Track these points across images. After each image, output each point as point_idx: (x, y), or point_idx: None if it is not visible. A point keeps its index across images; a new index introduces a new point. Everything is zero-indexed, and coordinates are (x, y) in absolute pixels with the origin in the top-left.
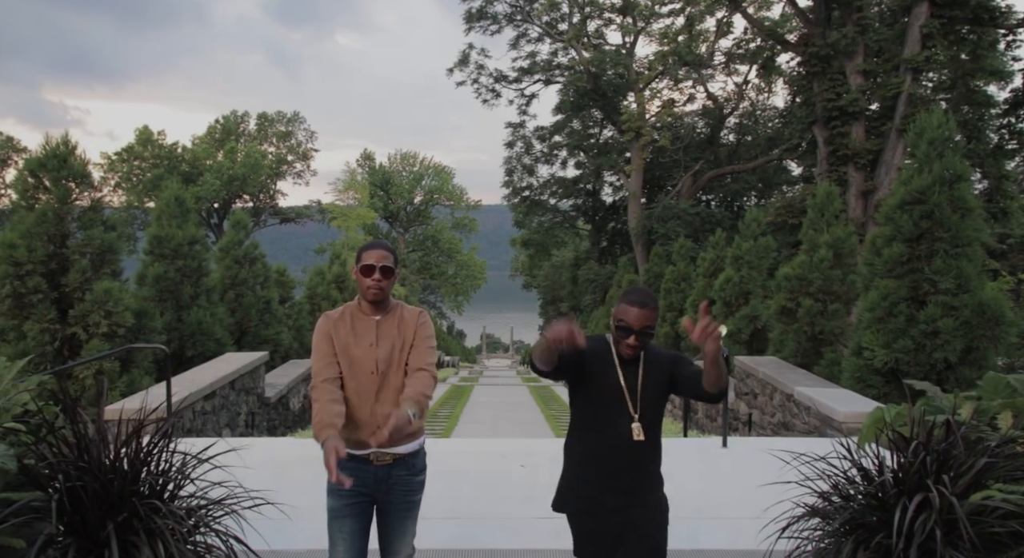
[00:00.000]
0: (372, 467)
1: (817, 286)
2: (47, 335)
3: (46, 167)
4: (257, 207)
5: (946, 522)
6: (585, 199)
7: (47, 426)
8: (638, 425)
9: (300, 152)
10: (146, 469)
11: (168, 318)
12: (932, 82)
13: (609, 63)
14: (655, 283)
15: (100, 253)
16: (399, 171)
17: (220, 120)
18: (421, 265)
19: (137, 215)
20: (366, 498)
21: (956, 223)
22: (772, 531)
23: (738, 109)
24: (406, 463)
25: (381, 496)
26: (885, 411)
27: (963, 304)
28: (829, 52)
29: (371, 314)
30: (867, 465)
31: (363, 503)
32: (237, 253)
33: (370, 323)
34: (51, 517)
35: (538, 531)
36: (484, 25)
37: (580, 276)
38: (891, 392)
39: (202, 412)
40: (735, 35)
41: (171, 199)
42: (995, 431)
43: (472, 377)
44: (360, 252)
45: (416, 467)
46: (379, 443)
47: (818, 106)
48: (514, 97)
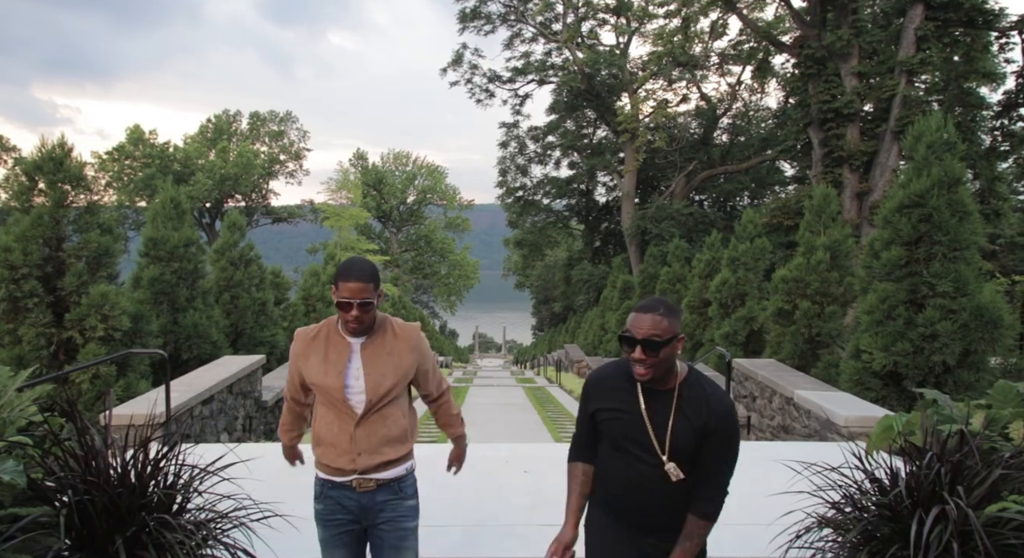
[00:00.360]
0: (355, 494)
1: (814, 288)
2: (43, 339)
3: (42, 169)
4: (249, 207)
5: (960, 534)
6: (579, 199)
7: (53, 439)
8: (673, 465)
9: (293, 151)
10: (154, 482)
11: (164, 321)
12: (926, 84)
13: (603, 63)
14: (650, 284)
15: (96, 256)
16: (392, 171)
17: (212, 119)
18: (414, 265)
19: (128, 215)
20: (355, 526)
21: (954, 226)
22: (783, 541)
23: (731, 110)
24: (391, 488)
25: (369, 525)
26: (895, 420)
27: (961, 307)
28: (824, 54)
29: (353, 336)
30: (879, 475)
31: (352, 532)
32: (233, 255)
33: (350, 348)
34: (59, 532)
35: (543, 539)
36: (478, 25)
37: (573, 276)
38: (889, 395)
39: (200, 417)
40: (729, 36)
41: (167, 201)
42: (1008, 441)
43: (466, 378)
44: (337, 278)
45: (404, 492)
46: (361, 469)
47: (813, 108)
48: (508, 97)
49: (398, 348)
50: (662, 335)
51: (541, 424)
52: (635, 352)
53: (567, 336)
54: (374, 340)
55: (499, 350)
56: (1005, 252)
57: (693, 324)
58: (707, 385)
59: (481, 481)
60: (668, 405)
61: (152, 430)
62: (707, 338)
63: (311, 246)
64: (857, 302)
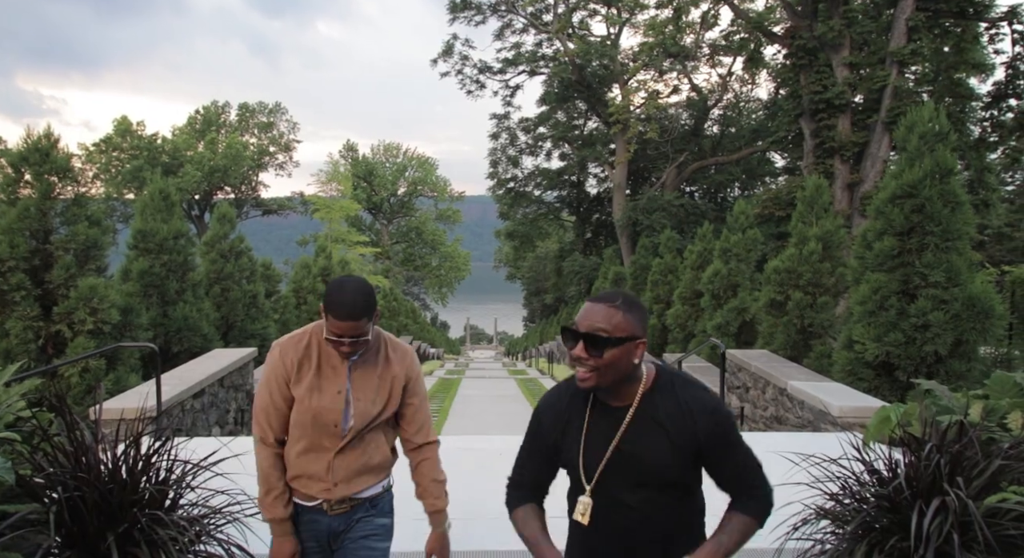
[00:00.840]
0: (327, 518)
1: (807, 279)
2: (30, 332)
3: (28, 161)
4: (239, 199)
5: (960, 524)
6: (570, 190)
7: (42, 434)
8: (587, 500)
9: (282, 143)
10: (145, 478)
11: (154, 314)
12: (916, 75)
13: (594, 54)
14: (642, 275)
15: (84, 249)
16: (382, 162)
17: (200, 110)
18: (405, 256)
19: (117, 207)
20: (320, 555)
21: (947, 217)
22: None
23: (722, 101)
24: (364, 506)
25: (337, 547)
26: (892, 410)
27: (953, 297)
28: (815, 45)
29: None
30: (878, 467)
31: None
32: (223, 247)
33: (342, 366)
34: (49, 530)
35: None
36: (468, 15)
37: (565, 267)
38: (882, 385)
39: (192, 410)
40: (721, 27)
41: (155, 193)
42: (1006, 432)
43: (458, 369)
44: (326, 309)
45: (381, 509)
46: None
47: (804, 98)
48: (498, 88)
49: (390, 371)
50: (612, 332)
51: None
52: (576, 348)
53: (559, 328)
54: (366, 359)
55: (490, 342)
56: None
57: (685, 315)
58: (680, 390)
59: (474, 473)
60: (618, 422)
61: (143, 425)
62: (699, 329)
63: (301, 238)
64: (849, 293)
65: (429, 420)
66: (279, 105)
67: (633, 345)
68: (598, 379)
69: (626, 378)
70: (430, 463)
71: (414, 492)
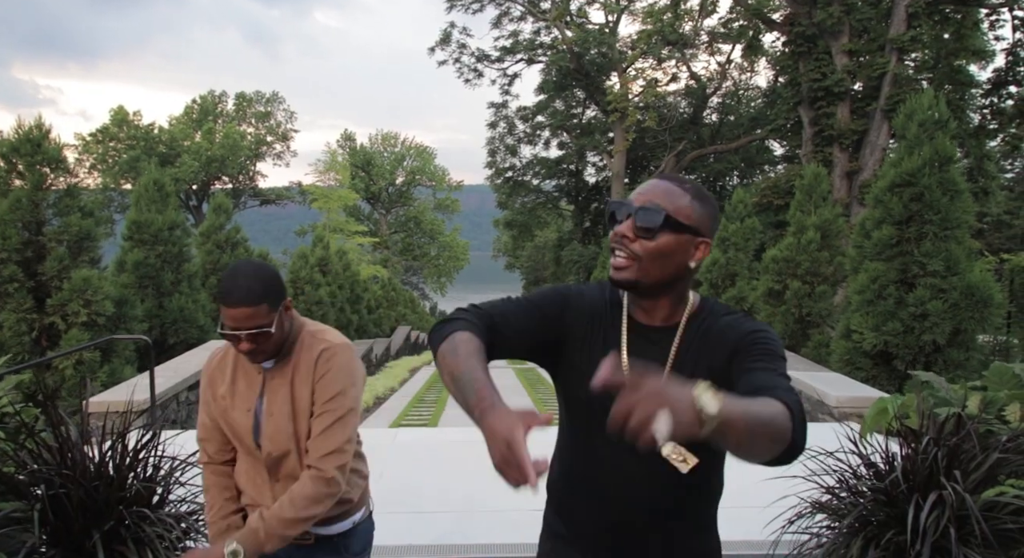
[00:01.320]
0: (287, 548)
1: (805, 268)
2: (24, 325)
3: (19, 151)
4: (237, 189)
5: (957, 518)
6: (568, 179)
7: (27, 430)
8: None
9: (280, 133)
10: (133, 474)
11: (149, 305)
12: (916, 62)
13: (592, 42)
14: None
15: (77, 240)
16: (380, 152)
17: (197, 100)
18: (404, 246)
19: (114, 197)
20: None
21: (946, 205)
22: (778, 524)
23: (721, 89)
24: (333, 545)
25: None
26: (890, 402)
27: (952, 286)
28: (814, 32)
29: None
30: (875, 460)
31: None
32: (219, 237)
33: (256, 376)
34: (34, 527)
35: (535, 525)
36: (466, 3)
37: (563, 257)
38: (880, 375)
39: (187, 402)
40: (720, 14)
41: (150, 183)
42: (1004, 424)
43: None
44: (216, 296)
45: (350, 549)
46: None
47: (803, 86)
48: (496, 77)
49: (299, 379)
50: (673, 213)
51: (532, 407)
52: (621, 225)
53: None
54: (282, 365)
55: None
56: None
57: None
58: (725, 313)
59: (472, 466)
60: (664, 351)
61: (131, 419)
62: None
63: (300, 228)
64: (848, 282)
65: (336, 438)
66: (276, 94)
67: (693, 241)
68: (638, 272)
69: (671, 283)
70: (299, 488)
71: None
